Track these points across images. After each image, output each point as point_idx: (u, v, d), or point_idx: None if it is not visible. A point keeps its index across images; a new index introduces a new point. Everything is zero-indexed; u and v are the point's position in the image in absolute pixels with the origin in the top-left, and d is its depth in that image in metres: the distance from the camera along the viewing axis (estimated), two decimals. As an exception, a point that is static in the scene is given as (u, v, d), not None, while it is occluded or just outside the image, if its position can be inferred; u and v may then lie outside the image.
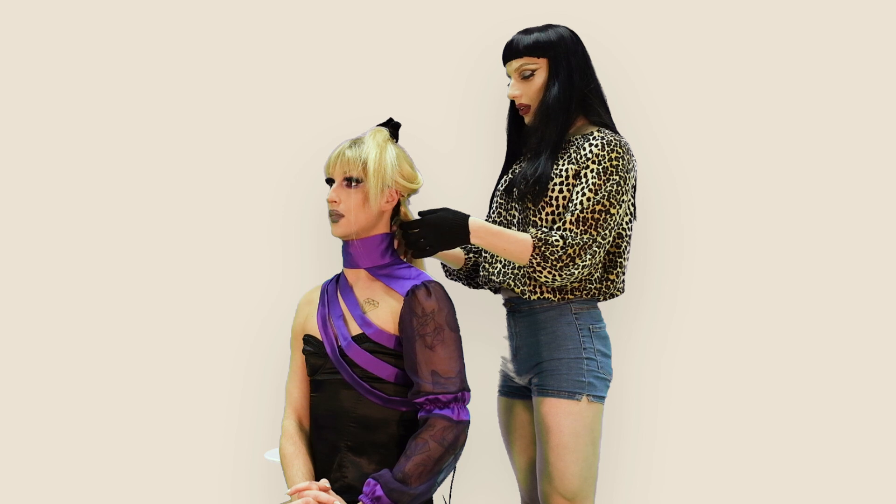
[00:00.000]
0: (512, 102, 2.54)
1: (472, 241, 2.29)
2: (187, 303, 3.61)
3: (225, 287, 3.60)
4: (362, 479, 2.14)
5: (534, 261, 2.29)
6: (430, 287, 2.18)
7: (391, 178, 2.22)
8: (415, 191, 2.30)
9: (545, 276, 2.30)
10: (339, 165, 2.21)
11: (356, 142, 2.23)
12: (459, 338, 2.20)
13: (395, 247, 2.30)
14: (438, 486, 2.16)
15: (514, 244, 2.29)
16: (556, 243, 2.27)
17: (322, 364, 2.23)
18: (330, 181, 2.25)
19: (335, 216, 2.22)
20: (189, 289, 3.62)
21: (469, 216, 2.30)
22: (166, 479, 3.59)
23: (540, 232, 2.30)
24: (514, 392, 2.56)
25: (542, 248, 2.28)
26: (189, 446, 3.59)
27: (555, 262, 2.28)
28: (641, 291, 3.22)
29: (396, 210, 2.28)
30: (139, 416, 3.60)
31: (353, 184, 2.20)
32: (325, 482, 2.12)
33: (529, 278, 2.40)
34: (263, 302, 3.47)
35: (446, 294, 2.21)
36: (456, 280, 2.68)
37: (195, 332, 3.60)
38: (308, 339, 2.27)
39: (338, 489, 2.15)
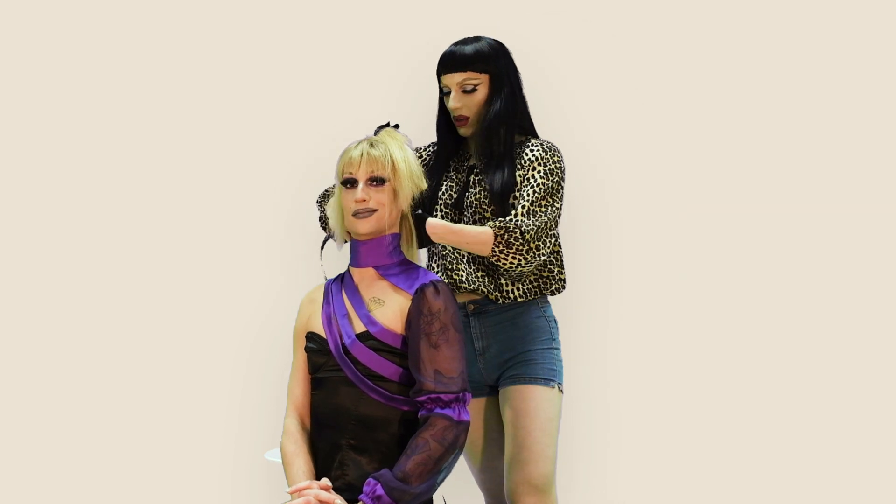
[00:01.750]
0: (442, 110, 2.60)
1: (434, 240, 2.36)
2: (189, 304, 3.59)
3: (226, 288, 3.58)
4: (363, 478, 2.14)
5: (496, 248, 2.35)
6: (439, 286, 2.21)
7: (418, 179, 2.28)
8: (422, 192, 2.33)
9: (509, 263, 2.36)
10: (366, 165, 2.20)
11: (374, 142, 2.24)
12: (462, 338, 2.22)
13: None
14: (438, 486, 2.17)
15: (475, 236, 2.35)
16: (516, 230, 2.35)
17: (324, 362, 2.24)
18: (349, 182, 2.23)
19: (364, 213, 2.21)
20: (191, 290, 3.60)
21: (427, 217, 2.36)
22: (166, 479, 3.57)
23: (498, 221, 2.37)
24: (477, 390, 2.60)
25: (506, 236, 2.34)
26: (189, 446, 3.58)
27: (519, 248, 2.35)
28: (580, 283, 3.29)
29: None
30: (139, 417, 3.58)
31: (380, 183, 2.21)
32: (325, 481, 2.13)
33: (504, 282, 2.49)
34: (264, 302, 3.47)
35: (453, 294, 2.24)
36: None
37: (196, 332, 3.59)
38: (311, 337, 2.28)
39: (338, 488, 2.16)
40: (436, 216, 2.56)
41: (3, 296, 3.62)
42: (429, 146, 2.70)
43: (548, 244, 2.41)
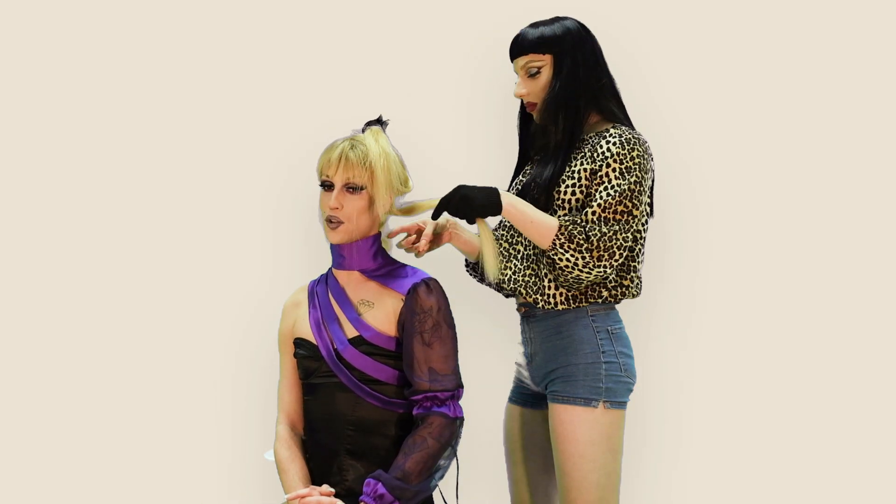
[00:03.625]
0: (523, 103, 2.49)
1: (504, 206, 2.24)
2: (176, 302, 3.55)
3: (215, 285, 3.54)
4: (363, 482, 2.12)
5: (557, 241, 2.22)
6: (430, 284, 2.20)
7: (396, 186, 2.23)
8: (407, 193, 2.30)
9: (567, 260, 2.22)
10: (343, 170, 2.17)
11: (355, 143, 2.19)
12: (455, 334, 2.21)
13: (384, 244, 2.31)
14: (437, 482, 2.16)
15: (541, 222, 2.24)
16: (581, 229, 2.23)
17: (317, 368, 2.22)
18: (326, 184, 2.20)
19: (335, 223, 2.18)
20: (180, 288, 3.55)
21: (498, 189, 2.26)
22: (160, 480, 3.53)
23: (568, 215, 2.26)
24: (528, 401, 2.50)
25: (571, 228, 2.22)
26: (180, 448, 3.53)
27: (579, 245, 2.22)
28: (658, 291, 3.15)
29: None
30: (127, 418, 3.53)
31: (356, 190, 2.18)
32: (326, 487, 2.11)
33: (547, 286, 2.33)
34: (253, 299, 3.42)
35: (443, 291, 2.22)
36: (472, 274, 2.60)
37: (185, 332, 3.53)
38: (300, 343, 2.26)
39: (339, 493, 2.15)
40: None
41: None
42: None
43: (616, 256, 2.24)
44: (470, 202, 2.22)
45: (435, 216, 2.29)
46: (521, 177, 2.49)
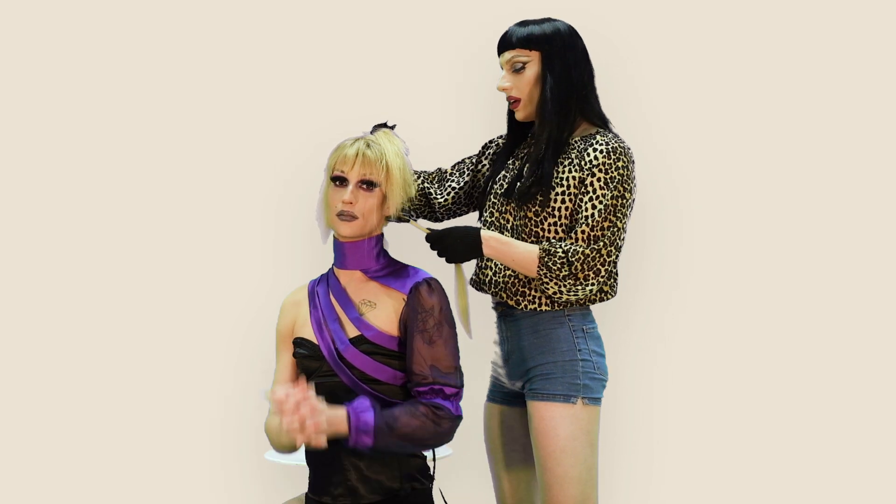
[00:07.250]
0: None
1: (485, 251, 2.30)
2: (178, 303, 3.54)
3: (217, 286, 3.53)
4: (365, 482, 2.15)
5: (541, 272, 2.29)
6: (432, 283, 2.22)
7: (409, 187, 2.25)
8: (412, 197, 2.31)
9: (553, 288, 2.29)
10: (360, 166, 2.18)
11: (370, 143, 2.21)
12: (456, 334, 2.22)
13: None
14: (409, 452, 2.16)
15: (523, 256, 2.30)
16: (561, 257, 2.27)
17: (318, 367, 2.22)
18: (339, 179, 2.21)
19: (348, 216, 2.19)
20: (180, 288, 3.54)
21: (480, 228, 2.32)
22: (156, 481, 3.52)
23: (547, 243, 2.30)
24: (505, 399, 2.53)
25: (546, 260, 2.28)
26: (180, 448, 3.52)
27: (557, 273, 2.28)
28: (635, 291, 3.20)
29: None
30: (128, 418, 3.52)
31: (371, 187, 2.20)
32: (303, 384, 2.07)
33: (529, 289, 2.39)
34: (254, 300, 3.40)
35: (444, 291, 2.24)
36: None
37: (186, 332, 3.52)
38: (301, 342, 2.26)
39: (341, 493, 2.16)
40: (485, 206, 2.49)
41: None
42: (499, 137, 2.61)
43: (602, 273, 2.30)
44: (452, 253, 2.31)
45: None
46: (503, 172, 2.49)
